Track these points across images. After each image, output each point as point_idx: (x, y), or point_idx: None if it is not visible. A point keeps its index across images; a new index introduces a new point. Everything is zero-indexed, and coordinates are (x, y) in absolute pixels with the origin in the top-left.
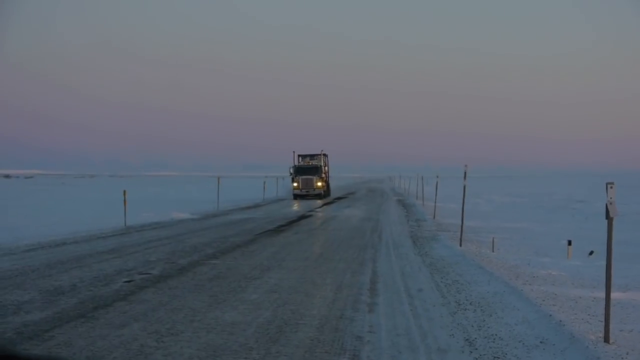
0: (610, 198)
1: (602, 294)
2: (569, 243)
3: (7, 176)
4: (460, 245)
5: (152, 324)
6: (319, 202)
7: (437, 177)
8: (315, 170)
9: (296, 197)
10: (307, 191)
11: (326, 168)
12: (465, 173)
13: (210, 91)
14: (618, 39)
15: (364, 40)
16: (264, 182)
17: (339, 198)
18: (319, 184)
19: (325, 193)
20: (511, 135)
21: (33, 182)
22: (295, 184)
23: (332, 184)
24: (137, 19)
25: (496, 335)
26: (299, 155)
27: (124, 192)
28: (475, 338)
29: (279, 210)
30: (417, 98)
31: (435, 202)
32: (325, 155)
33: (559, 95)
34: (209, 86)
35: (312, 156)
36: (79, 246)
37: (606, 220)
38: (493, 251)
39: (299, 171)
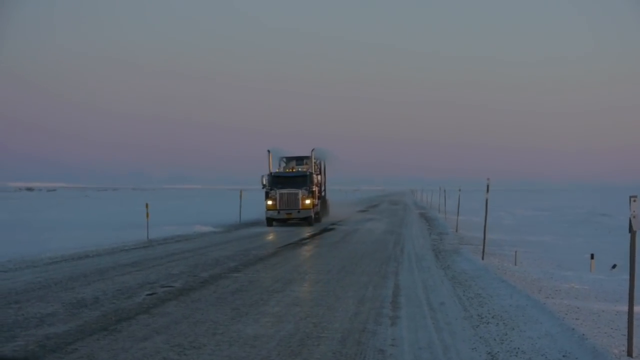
0: (634, 211)
1: (625, 308)
2: (592, 256)
3: (29, 189)
4: (483, 258)
5: (175, 337)
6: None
7: (459, 190)
8: (302, 181)
9: (271, 222)
10: (288, 213)
11: (319, 177)
12: (487, 186)
13: (234, 104)
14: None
15: (386, 50)
16: None
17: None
18: (307, 201)
19: (317, 216)
20: (535, 148)
21: (56, 195)
22: (269, 202)
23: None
24: (158, 32)
25: (519, 349)
26: (281, 159)
27: (147, 205)
28: (498, 352)
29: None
30: (438, 109)
31: (458, 215)
32: (318, 160)
33: (583, 104)
34: (232, 99)
35: (298, 159)
36: (101, 259)
37: (629, 234)
38: (515, 264)
39: (276, 182)
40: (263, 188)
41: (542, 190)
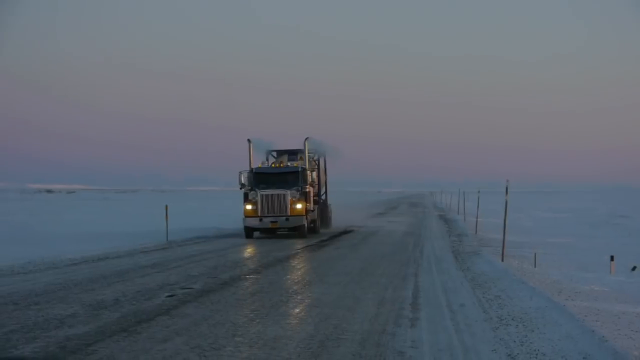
0: None
1: None
2: (612, 258)
3: (49, 191)
4: (502, 260)
5: (195, 339)
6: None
7: (478, 192)
8: (292, 179)
9: (251, 233)
10: (273, 221)
11: (315, 175)
12: (507, 188)
13: (254, 107)
14: None
15: (403, 52)
16: None
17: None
18: (299, 205)
19: (314, 225)
20: (553, 149)
21: (75, 197)
22: (248, 207)
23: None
24: (175, 36)
25: (539, 350)
26: (269, 153)
27: (166, 207)
28: (518, 354)
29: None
30: (457, 110)
31: (477, 217)
32: (315, 155)
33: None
34: (252, 102)
35: (291, 154)
36: (121, 260)
37: None
38: (535, 266)
39: (258, 180)
40: (241, 188)
41: (560, 191)
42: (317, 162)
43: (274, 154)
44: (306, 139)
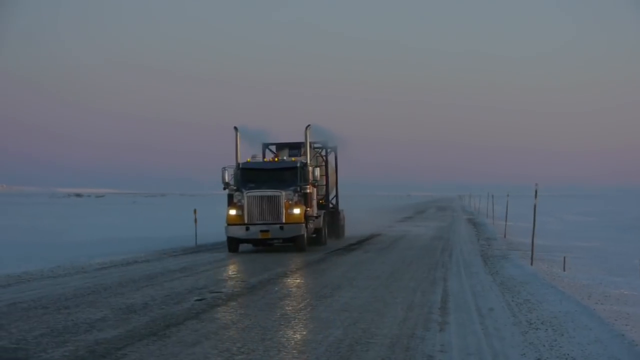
0: None
1: None
2: None
3: (78, 195)
4: (531, 264)
5: (224, 343)
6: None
7: (507, 195)
8: (289, 176)
9: (236, 245)
10: (264, 231)
11: (319, 172)
12: (536, 192)
13: (285, 111)
14: None
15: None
16: None
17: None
18: (296, 210)
19: (319, 235)
20: (582, 151)
21: (104, 201)
22: (232, 212)
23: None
24: (201, 39)
25: (568, 355)
26: (266, 146)
27: (194, 210)
28: (547, 358)
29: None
30: (486, 113)
31: (506, 221)
32: (321, 148)
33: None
34: (284, 106)
35: (293, 147)
36: (150, 264)
37: None
38: (564, 270)
39: (246, 178)
40: (225, 188)
41: (588, 194)
42: (324, 158)
43: (273, 147)
44: (307, 126)
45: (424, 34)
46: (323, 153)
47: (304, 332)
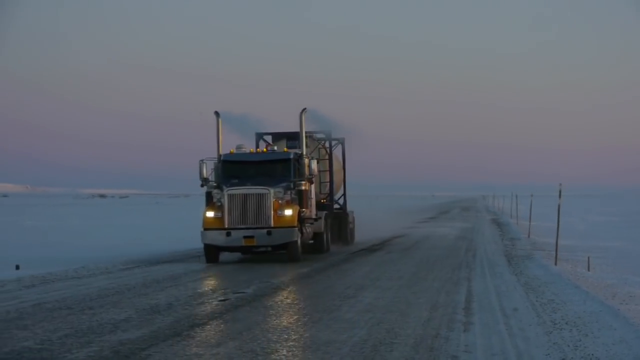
0: None
1: None
2: None
3: (102, 196)
4: (556, 264)
5: (248, 343)
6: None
7: (531, 196)
8: (281, 170)
9: (215, 255)
10: (248, 237)
11: (315, 165)
12: (560, 192)
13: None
14: None
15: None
16: None
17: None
18: (288, 211)
19: (319, 242)
20: (608, 148)
21: (128, 201)
22: (209, 214)
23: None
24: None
25: (593, 355)
26: (259, 137)
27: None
28: (572, 358)
29: None
30: (511, 114)
31: (530, 221)
32: (322, 138)
33: None
34: (317, 106)
35: (292, 137)
36: (174, 265)
37: None
38: (589, 270)
39: (229, 173)
40: (203, 185)
41: (613, 194)
42: (328, 150)
43: (268, 138)
44: (303, 110)
45: (449, 33)
46: (326, 144)
47: (328, 332)
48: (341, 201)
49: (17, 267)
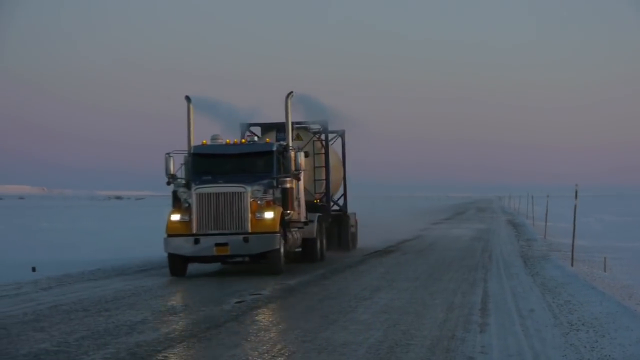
0: None
1: None
2: None
3: (118, 197)
4: (572, 265)
5: (264, 344)
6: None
7: (547, 196)
8: (261, 167)
9: (180, 266)
10: (220, 244)
11: (302, 158)
12: (576, 192)
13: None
14: None
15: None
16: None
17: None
18: (268, 214)
19: (310, 250)
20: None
21: (144, 203)
22: (175, 217)
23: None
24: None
25: (609, 356)
26: (245, 126)
27: None
28: (589, 359)
29: None
30: (527, 114)
31: (546, 222)
32: (321, 134)
33: None
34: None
35: (282, 128)
36: (190, 267)
37: None
38: (605, 271)
39: (200, 168)
40: (170, 183)
41: (632, 195)
42: (323, 142)
43: (257, 129)
44: (289, 94)
45: (460, 29)
46: (322, 136)
47: (344, 334)
48: (341, 202)
49: (34, 269)
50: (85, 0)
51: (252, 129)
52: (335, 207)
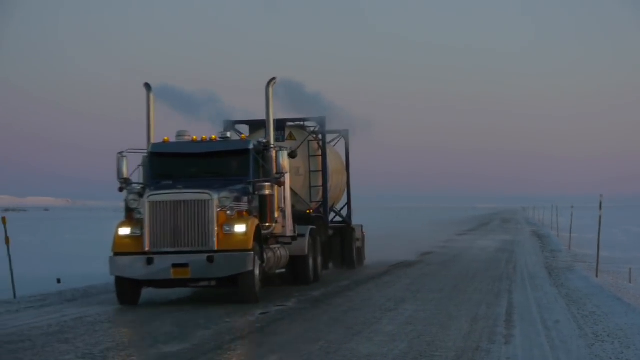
0: None
1: None
2: None
3: None
4: (597, 276)
5: (288, 356)
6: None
7: (572, 207)
8: (237, 168)
9: (130, 292)
10: (180, 265)
11: (285, 158)
12: (600, 203)
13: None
14: None
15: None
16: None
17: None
18: (240, 228)
19: (298, 271)
20: None
21: None
22: (123, 231)
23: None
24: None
25: None
26: (230, 124)
27: None
28: None
29: None
30: (552, 122)
31: (570, 233)
32: (318, 134)
33: None
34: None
35: (277, 127)
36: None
37: None
38: (630, 282)
39: (159, 170)
40: (121, 190)
41: None
42: (320, 143)
43: (244, 128)
44: (271, 80)
45: (484, 39)
46: (319, 136)
47: (368, 345)
48: (345, 212)
49: (59, 281)
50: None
51: (238, 127)
52: (338, 219)
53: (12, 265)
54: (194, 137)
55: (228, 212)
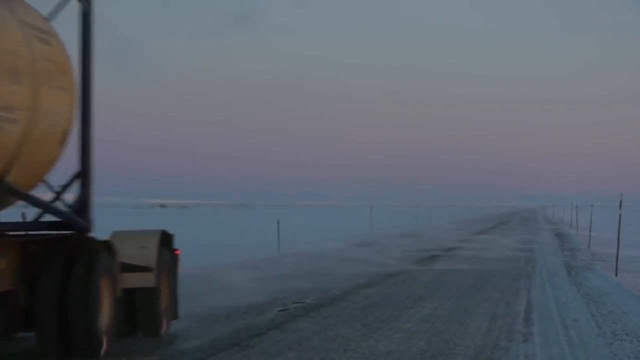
0: None
1: None
2: None
3: (162, 206)
4: (616, 275)
5: (306, 353)
6: None
7: (592, 206)
8: None
9: None
10: None
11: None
12: (620, 202)
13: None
14: None
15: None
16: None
17: None
18: None
19: None
20: None
21: (187, 211)
22: None
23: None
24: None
25: None
26: None
27: (278, 221)
28: None
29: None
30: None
31: (590, 231)
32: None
33: None
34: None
35: None
36: (231, 275)
37: None
38: None
39: None
40: None
41: None
42: None
43: None
44: None
45: (500, 40)
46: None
47: (387, 343)
48: (73, 200)
49: None
50: None
51: None
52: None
53: None
54: None
55: None
